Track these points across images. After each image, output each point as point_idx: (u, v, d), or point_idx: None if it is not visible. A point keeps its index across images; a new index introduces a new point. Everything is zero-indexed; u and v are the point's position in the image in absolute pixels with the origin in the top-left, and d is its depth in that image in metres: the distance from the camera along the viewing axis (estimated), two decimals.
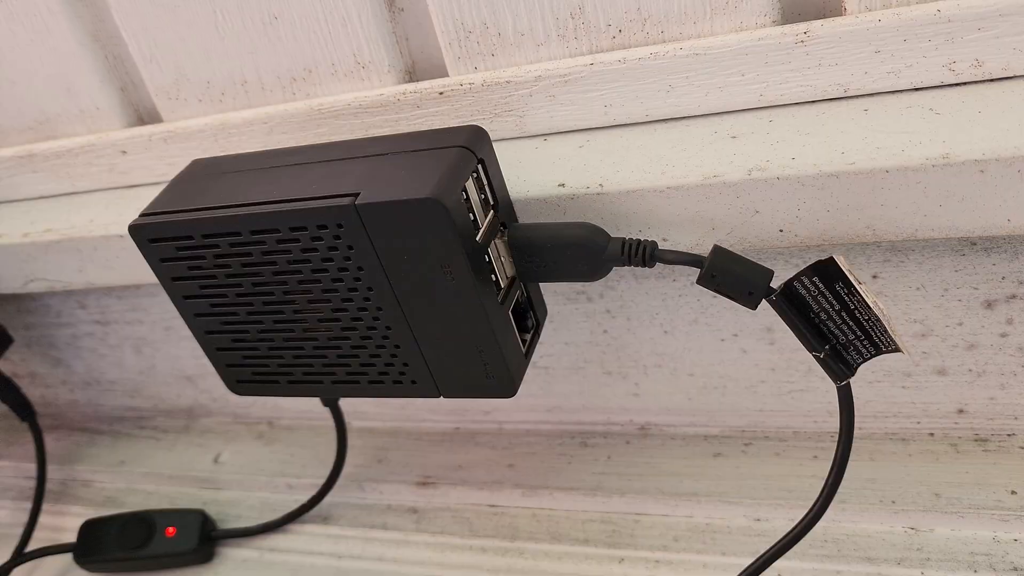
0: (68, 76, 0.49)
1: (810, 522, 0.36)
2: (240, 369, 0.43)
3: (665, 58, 0.38)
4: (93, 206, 0.51)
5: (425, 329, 0.37)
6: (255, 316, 0.40)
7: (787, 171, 0.34)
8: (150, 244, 0.39)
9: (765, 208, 0.35)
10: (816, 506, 0.36)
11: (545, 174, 0.39)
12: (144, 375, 0.60)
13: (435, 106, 0.42)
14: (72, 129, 0.51)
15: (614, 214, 0.37)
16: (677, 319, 0.45)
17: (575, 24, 0.39)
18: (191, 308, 0.41)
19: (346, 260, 0.36)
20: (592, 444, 0.50)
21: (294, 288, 0.38)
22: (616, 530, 0.45)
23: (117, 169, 0.51)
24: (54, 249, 0.49)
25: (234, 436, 0.59)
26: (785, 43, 0.36)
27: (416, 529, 0.49)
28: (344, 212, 0.34)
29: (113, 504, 0.57)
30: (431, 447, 0.53)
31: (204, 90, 0.47)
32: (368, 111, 0.43)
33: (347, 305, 0.38)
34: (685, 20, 0.38)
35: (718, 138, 0.37)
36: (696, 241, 0.37)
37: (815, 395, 0.45)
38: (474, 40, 0.41)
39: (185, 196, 0.39)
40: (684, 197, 0.36)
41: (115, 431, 0.63)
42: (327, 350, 0.40)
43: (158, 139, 0.48)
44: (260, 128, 0.46)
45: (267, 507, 0.53)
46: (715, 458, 0.46)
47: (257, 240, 0.37)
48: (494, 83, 0.41)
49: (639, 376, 0.48)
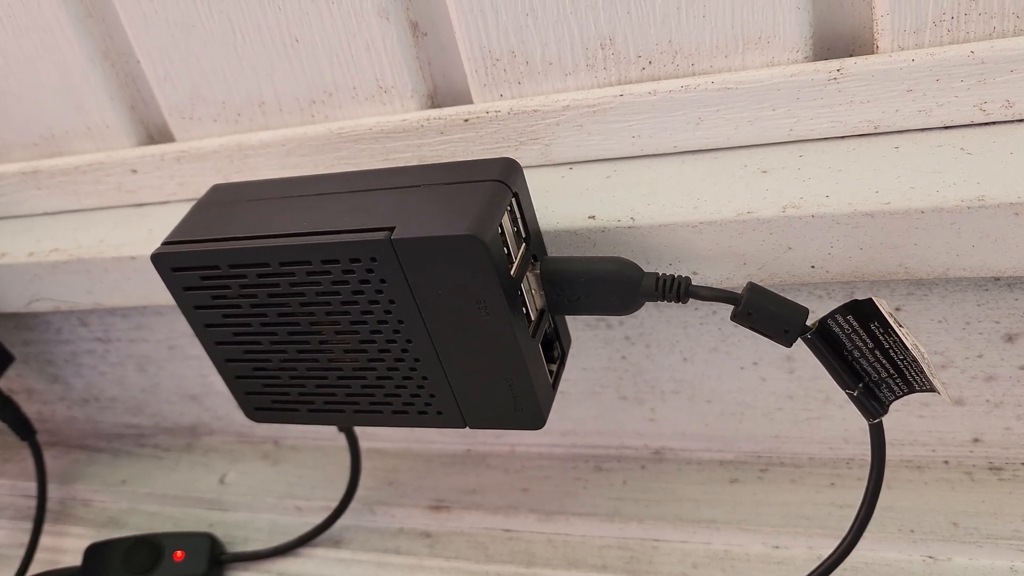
0: (77, 93, 0.48)
1: (841, 555, 0.36)
2: (259, 397, 0.42)
3: (696, 91, 0.38)
4: (101, 225, 0.50)
5: (455, 361, 0.37)
6: (278, 346, 0.39)
7: (822, 209, 0.34)
8: (173, 273, 0.38)
9: (798, 245, 0.36)
10: (847, 540, 0.36)
11: (573, 205, 0.39)
12: (146, 393, 0.59)
13: (460, 132, 0.42)
14: (79, 146, 0.50)
15: (644, 247, 0.37)
16: (697, 347, 0.45)
17: (604, 54, 0.39)
18: (212, 336, 0.40)
19: (377, 293, 0.35)
20: (606, 468, 0.50)
21: (321, 319, 0.37)
22: (634, 556, 0.45)
23: (125, 188, 0.50)
24: (61, 270, 0.48)
25: (239, 456, 0.58)
26: (818, 80, 0.36)
27: (430, 554, 0.48)
28: (379, 247, 0.34)
29: (115, 525, 0.56)
30: (442, 469, 0.53)
31: (219, 110, 0.46)
32: (390, 136, 0.43)
33: (375, 337, 0.37)
34: (716, 54, 0.38)
35: (748, 172, 0.38)
36: (726, 276, 0.37)
37: (832, 423, 0.45)
38: (501, 68, 0.41)
39: (208, 225, 0.38)
40: (717, 232, 0.36)
41: (115, 449, 0.62)
42: (351, 380, 0.40)
43: (171, 159, 0.47)
44: (277, 150, 0.45)
45: (276, 530, 0.53)
46: (732, 484, 0.47)
47: (286, 272, 0.36)
48: (521, 111, 0.40)
49: (655, 402, 0.48)
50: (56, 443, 0.64)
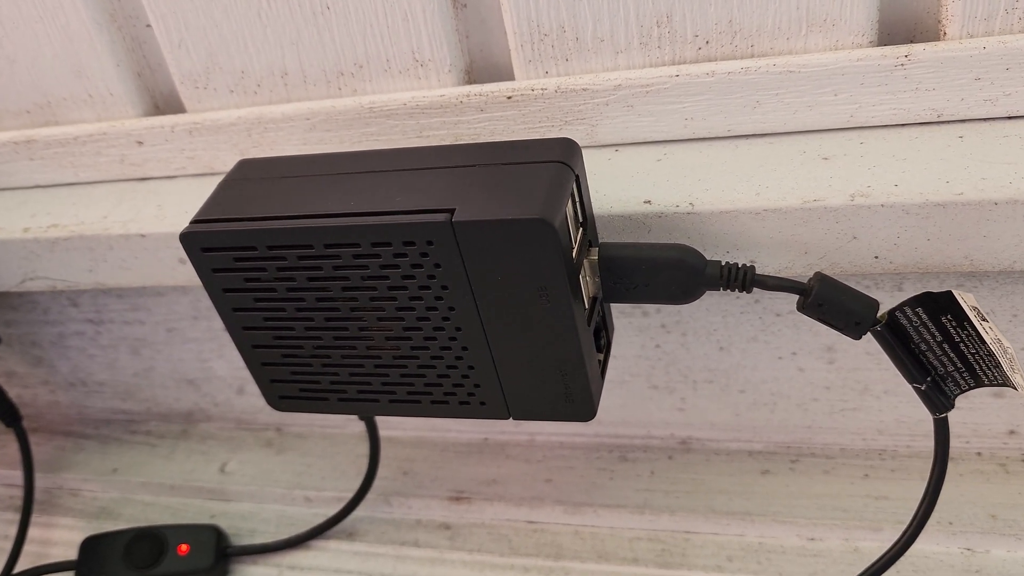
0: (78, 57, 0.45)
1: (901, 548, 0.36)
2: (286, 385, 0.40)
3: (756, 73, 0.37)
4: (103, 200, 0.47)
5: (506, 350, 0.35)
6: (313, 332, 0.37)
7: (892, 198, 0.34)
8: (203, 254, 0.36)
9: (864, 234, 0.35)
10: (907, 533, 0.36)
11: (625, 189, 0.37)
12: (139, 377, 0.56)
13: (501, 111, 0.40)
14: (78, 115, 0.47)
15: (702, 234, 0.36)
16: (735, 336, 0.44)
17: (660, 32, 0.37)
18: (240, 321, 0.38)
19: (430, 278, 0.34)
20: (632, 459, 0.49)
21: (364, 304, 0.35)
22: (666, 549, 0.44)
23: (129, 160, 0.47)
24: (61, 247, 0.45)
25: (240, 443, 0.56)
26: (885, 65, 0.35)
27: (451, 546, 0.47)
28: (438, 229, 0.32)
29: (108, 516, 0.53)
30: (459, 459, 0.51)
31: (237, 80, 0.44)
32: (426, 112, 0.41)
33: (422, 324, 0.35)
34: (778, 35, 0.37)
35: (808, 159, 0.37)
36: (785, 264, 0.36)
37: (867, 414, 0.45)
38: (549, 43, 0.39)
39: (241, 202, 0.36)
40: (781, 220, 0.35)
41: (102, 435, 0.59)
42: (390, 369, 0.38)
43: (182, 131, 0.45)
44: (301, 124, 0.43)
45: (284, 521, 0.51)
46: (763, 475, 0.46)
47: (331, 254, 0.34)
48: (569, 90, 0.39)
49: (687, 391, 0.47)
50: (37, 429, 0.61)
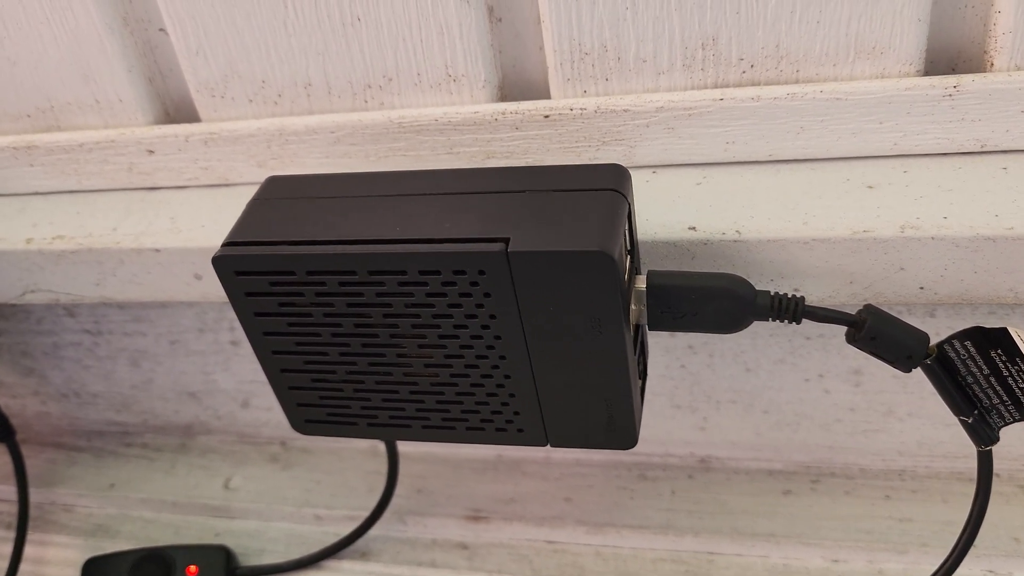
0: (87, 61, 0.43)
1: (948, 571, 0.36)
2: (313, 409, 0.39)
3: (803, 99, 0.36)
4: (109, 210, 0.45)
5: (550, 379, 0.34)
6: (347, 358, 0.36)
7: (942, 231, 0.33)
8: (236, 277, 0.34)
9: (911, 266, 0.35)
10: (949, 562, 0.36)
11: (667, 213, 0.37)
12: (137, 389, 0.54)
13: (537, 129, 0.39)
14: (82, 120, 0.45)
15: (747, 262, 0.36)
16: (763, 358, 0.43)
17: (704, 55, 0.37)
18: (270, 345, 0.36)
19: (478, 307, 0.33)
20: (652, 477, 0.48)
21: (404, 331, 0.34)
22: (689, 570, 0.44)
23: (137, 169, 0.45)
24: (67, 260, 0.43)
25: (243, 458, 0.54)
26: (933, 95, 0.35)
27: (469, 567, 0.46)
28: (491, 259, 0.31)
29: (105, 534, 0.52)
30: (474, 476, 0.50)
31: (257, 90, 0.42)
32: (458, 128, 0.40)
33: (464, 352, 0.34)
34: (824, 61, 0.36)
35: (853, 186, 0.36)
36: (829, 294, 0.36)
37: (889, 435, 0.45)
38: (589, 63, 0.38)
39: (275, 224, 0.34)
40: (829, 250, 0.35)
41: (95, 448, 0.57)
42: (425, 395, 0.37)
43: (197, 140, 0.43)
44: (325, 138, 0.41)
45: (294, 540, 0.49)
46: (785, 495, 0.46)
47: (374, 281, 0.33)
48: (609, 110, 0.38)
49: (709, 411, 0.46)
50: (26, 440, 0.58)
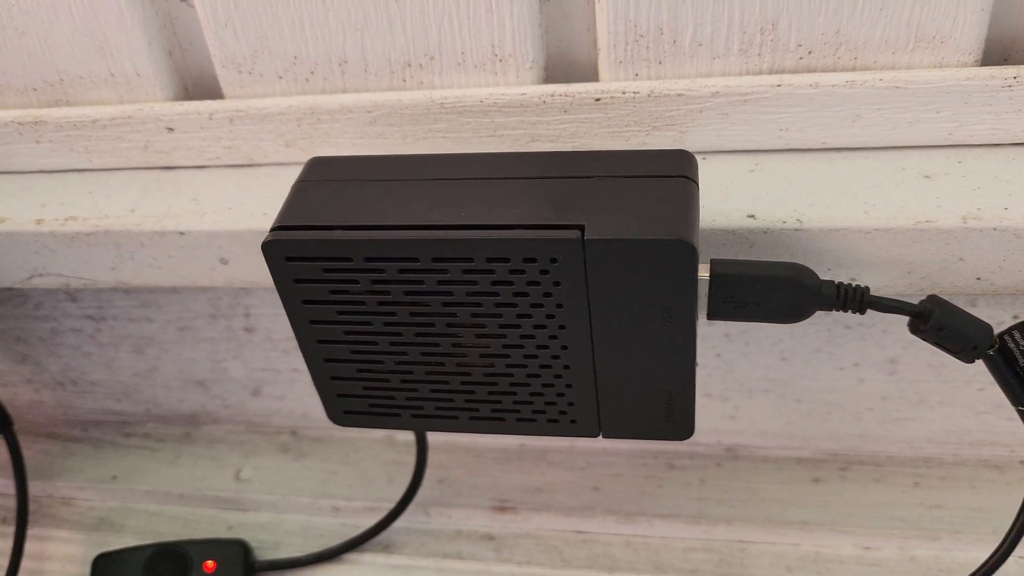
0: (103, 33, 0.40)
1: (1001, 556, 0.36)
2: (354, 400, 0.37)
3: (862, 87, 0.36)
4: (124, 190, 0.42)
5: (611, 369, 0.34)
6: (398, 347, 0.35)
7: (1004, 222, 0.33)
8: (287, 263, 0.33)
9: (970, 256, 0.34)
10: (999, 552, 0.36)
11: (724, 201, 0.36)
12: (140, 377, 0.52)
13: (587, 112, 0.38)
14: (96, 95, 0.43)
15: (806, 251, 0.35)
16: (800, 347, 0.43)
17: (763, 40, 0.36)
18: (316, 334, 0.35)
19: (545, 296, 0.32)
20: (679, 466, 0.48)
21: (463, 320, 0.33)
22: (723, 559, 0.44)
23: (154, 147, 0.43)
24: (82, 242, 0.41)
25: (253, 448, 0.52)
26: (992, 85, 0.35)
27: (497, 559, 0.45)
28: (566, 247, 0.30)
29: (109, 528, 0.49)
30: (498, 466, 0.49)
31: (288, 66, 0.40)
32: (503, 110, 0.39)
33: (525, 342, 0.33)
34: (884, 49, 0.36)
35: (909, 176, 0.36)
36: (886, 283, 0.36)
37: (920, 424, 0.45)
38: (643, 45, 0.37)
39: (327, 208, 0.33)
40: (890, 240, 0.34)
41: (93, 438, 0.55)
42: (477, 386, 0.36)
43: (221, 118, 0.41)
44: (361, 117, 0.40)
45: (311, 533, 0.48)
46: (815, 483, 0.46)
47: (437, 268, 0.32)
48: (663, 95, 0.37)
49: (741, 400, 0.46)
50: (18, 430, 0.55)
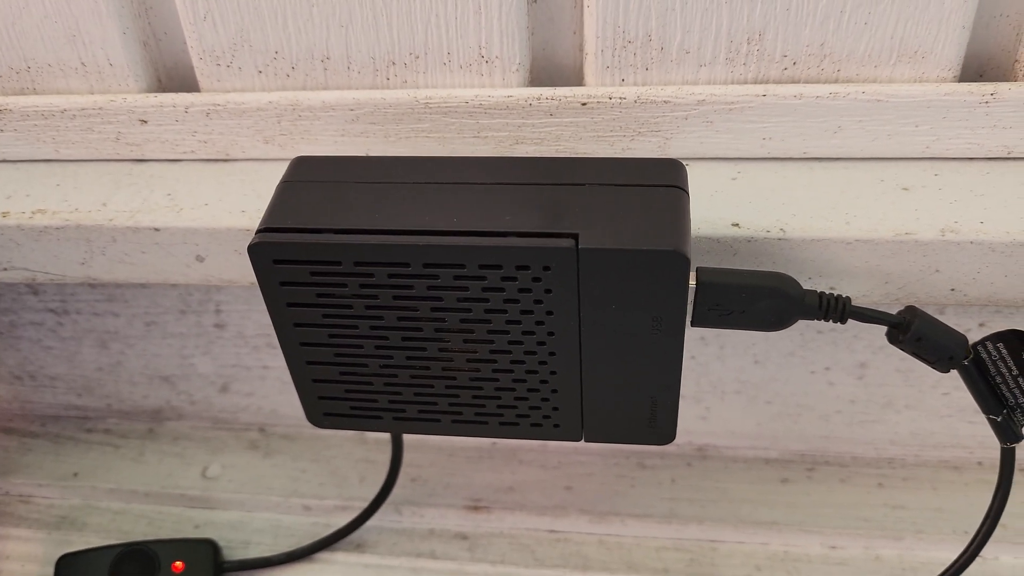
0: (75, 20, 0.39)
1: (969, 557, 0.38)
2: (334, 402, 0.37)
3: (845, 99, 0.36)
4: (95, 184, 0.41)
5: (598, 376, 0.34)
6: (383, 351, 0.34)
7: (980, 236, 0.34)
8: (273, 265, 0.32)
9: (946, 268, 0.35)
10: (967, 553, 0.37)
11: (708, 208, 0.37)
12: (103, 372, 0.51)
13: (572, 116, 0.38)
14: (64, 84, 0.41)
15: (788, 260, 0.36)
16: (773, 351, 0.44)
17: (749, 49, 0.37)
18: (299, 336, 0.34)
19: (536, 303, 0.32)
20: (650, 466, 0.49)
21: (451, 325, 0.33)
22: (694, 559, 0.44)
23: (125, 140, 0.41)
24: (51, 237, 0.39)
25: (220, 445, 0.52)
26: (970, 101, 0.36)
27: (471, 558, 0.45)
28: (559, 255, 0.30)
29: (71, 526, 0.48)
30: (470, 465, 0.49)
31: (269, 61, 0.39)
32: (488, 112, 0.38)
33: (512, 348, 0.33)
34: (866, 62, 0.36)
35: (888, 188, 0.37)
36: (863, 292, 0.37)
37: (885, 426, 0.46)
38: (631, 51, 0.37)
39: (315, 209, 0.32)
40: (870, 251, 0.35)
41: (51, 433, 0.53)
42: (461, 390, 0.35)
43: (197, 111, 0.40)
44: (343, 115, 0.39)
45: (281, 532, 0.47)
46: (783, 484, 0.47)
47: (428, 274, 0.31)
48: (649, 100, 0.37)
49: (713, 401, 0.47)
50: None
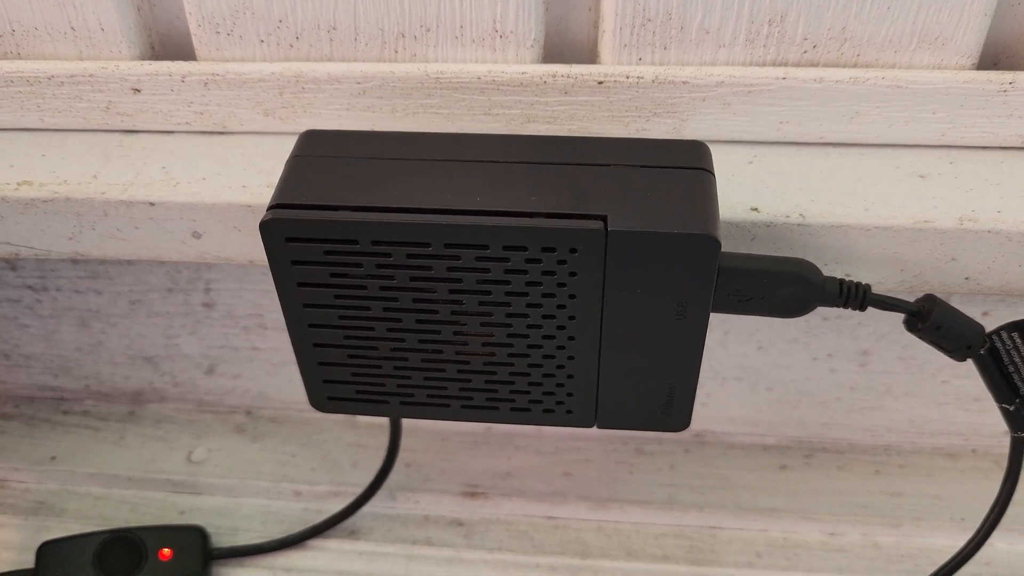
0: None
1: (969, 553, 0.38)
2: (340, 386, 0.36)
3: (865, 84, 0.36)
4: (84, 155, 0.39)
5: (616, 361, 0.33)
6: (396, 333, 0.33)
7: (998, 225, 0.34)
8: (286, 243, 0.31)
9: (962, 257, 0.35)
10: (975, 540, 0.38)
11: (726, 193, 0.36)
12: (82, 352, 0.49)
13: (587, 95, 0.37)
14: (51, 49, 0.39)
15: (806, 246, 0.36)
16: (777, 337, 0.44)
17: (769, 31, 0.36)
18: (308, 317, 0.33)
19: (559, 286, 0.31)
20: (648, 452, 0.48)
21: (469, 308, 0.32)
22: (694, 545, 0.44)
23: (116, 109, 0.39)
24: (38, 210, 0.37)
25: (205, 428, 0.50)
26: (989, 89, 0.36)
27: (468, 545, 0.45)
28: (588, 237, 0.29)
29: (50, 512, 0.46)
30: (466, 450, 0.48)
31: (272, 29, 0.38)
32: (501, 89, 0.37)
33: (531, 332, 0.33)
34: (886, 48, 0.36)
35: (904, 175, 0.37)
36: (878, 279, 0.36)
37: (884, 413, 0.47)
38: (650, 30, 0.36)
39: (330, 186, 0.31)
40: (889, 238, 0.35)
41: (26, 415, 0.51)
42: (474, 375, 0.35)
43: (195, 81, 0.38)
44: (349, 88, 0.38)
45: (270, 518, 0.46)
46: (781, 470, 0.47)
47: (449, 254, 0.30)
48: (668, 81, 0.36)
49: (714, 387, 0.46)
50: None
